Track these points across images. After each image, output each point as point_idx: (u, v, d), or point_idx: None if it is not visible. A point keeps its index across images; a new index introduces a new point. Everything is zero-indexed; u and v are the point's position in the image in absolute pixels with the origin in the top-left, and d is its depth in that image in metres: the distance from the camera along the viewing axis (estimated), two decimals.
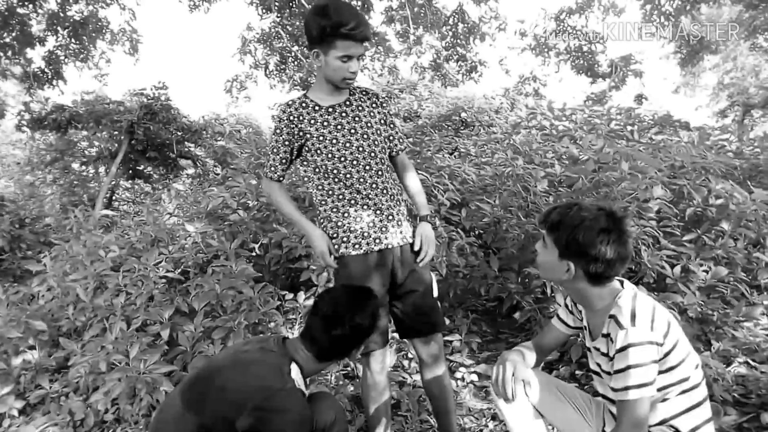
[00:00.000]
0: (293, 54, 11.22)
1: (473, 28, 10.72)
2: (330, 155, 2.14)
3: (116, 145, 12.33)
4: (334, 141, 2.14)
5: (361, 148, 2.16)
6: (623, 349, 1.53)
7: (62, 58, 11.19)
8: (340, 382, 3.07)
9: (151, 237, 4.18)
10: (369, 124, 2.20)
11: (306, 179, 2.32)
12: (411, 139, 7.76)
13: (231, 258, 3.63)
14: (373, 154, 2.18)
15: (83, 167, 14.20)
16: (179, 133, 12.29)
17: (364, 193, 2.16)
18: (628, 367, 1.52)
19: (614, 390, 1.58)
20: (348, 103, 2.21)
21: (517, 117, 7.64)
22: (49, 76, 11.17)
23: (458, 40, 10.94)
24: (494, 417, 2.80)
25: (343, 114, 2.18)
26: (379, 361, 2.26)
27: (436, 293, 2.31)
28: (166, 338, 3.20)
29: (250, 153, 5.31)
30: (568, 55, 10.35)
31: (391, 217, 2.20)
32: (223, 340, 3.14)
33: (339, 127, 2.16)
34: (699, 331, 3.09)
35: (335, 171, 2.15)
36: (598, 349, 1.71)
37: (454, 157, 5.83)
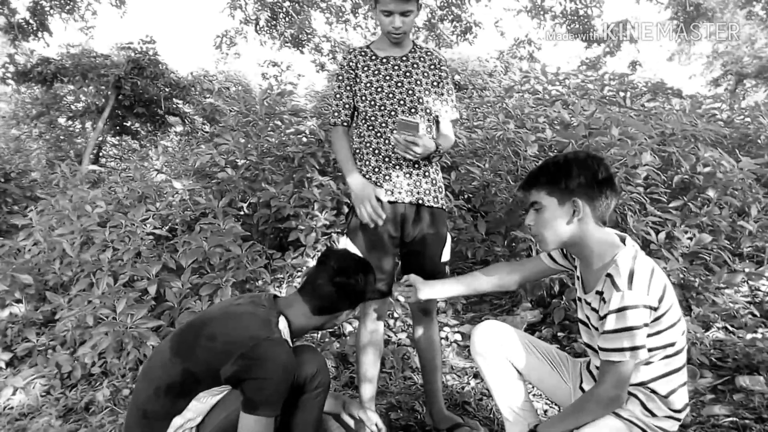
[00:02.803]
0: (284, 9, 10.98)
1: None
2: (372, 102, 2.22)
3: (103, 100, 12.11)
4: (379, 89, 2.22)
5: (402, 102, 2.22)
6: (619, 310, 1.52)
7: (47, 9, 10.89)
8: (326, 339, 3.11)
9: (138, 193, 4.16)
10: (419, 82, 2.26)
11: (354, 126, 2.38)
12: None
13: (219, 216, 3.62)
14: (413, 110, 2.22)
15: (70, 122, 13.96)
16: (167, 90, 12.07)
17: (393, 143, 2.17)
18: (620, 330, 1.52)
19: (602, 349, 1.58)
20: (405, 58, 2.28)
21: (511, 81, 7.58)
22: (34, 28, 10.89)
23: (453, 0, 10.74)
24: (476, 375, 2.86)
25: (396, 67, 2.25)
26: (375, 317, 2.32)
27: (446, 257, 2.35)
28: (153, 294, 3.22)
29: (239, 110, 5.24)
30: (564, 18, 10.20)
31: (408, 175, 2.23)
32: (211, 297, 3.16)
33: (387, 77, 2.23)
34: (680, 297, 3.14)
35: (373, 118, 2.22)
36: (589, 304, 1.70)
37: None
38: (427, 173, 2.28)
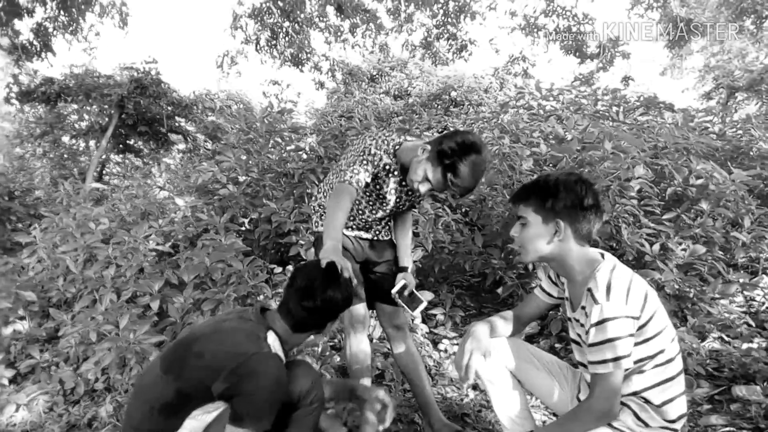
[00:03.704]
0: (284, 29, 11.11)
1: (464, 6, 10.63)
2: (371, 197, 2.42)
3: (106, 119, 12.22)
4: (383, 195, 2.40)
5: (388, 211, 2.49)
6: (599, 323, 1.56)
7: (51, 30, 11.01)
8: (327, 353, 3.14)
9: (141, 210, 4.21)
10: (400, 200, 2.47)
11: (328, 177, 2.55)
12: (401, 117, 7.76)
13: (220, 232, 3.66)
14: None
15: (73, 141, 14.06)
16: (170, 108, 12.19)
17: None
18: (604, 341, 1.55)
19: (589, 362, 1.61)
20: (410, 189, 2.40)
21: (506, 96, 7.66)
22: (38, 49, 10.99)
23: (449, 19, 10.86)
24: (475, 387, 2.89)
25: (401, 191, 2.42)
26: (359, 332, 2.39)
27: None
28: (156, 310, 3.24)
29: (240, 128, 5.31)
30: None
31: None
32: (213, 312, 3.18)
33: (394, 191, 2.41)
34: (676, 307, 3.17)
35: (359, 202, 2.43)
36: (577, 321, 1.74)
37: None
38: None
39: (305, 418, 1.89)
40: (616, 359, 1.55)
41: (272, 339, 1.80)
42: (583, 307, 1.67)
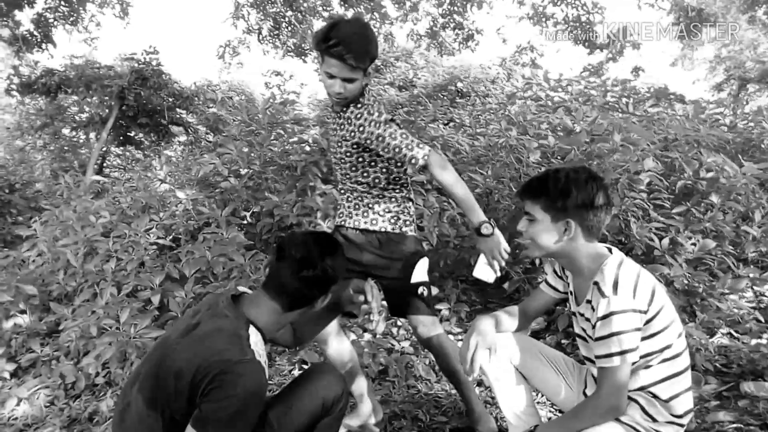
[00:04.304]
0: (287, 19, 11.04)
1: None
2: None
3: (107, 110, 12.19)
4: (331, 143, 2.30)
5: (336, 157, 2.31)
6: (606, 317, 1.54)
7: (51, 20, 10.97)
8: None
9: (142, 203, 4.17)
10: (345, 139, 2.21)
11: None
12: (405, 109, 7.69)
13: (222, 225, 3.63)
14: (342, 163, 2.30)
15: (74, 133, 14.05)
16: (170, 100, 12.15)
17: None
18: (611, 335, 1.54)
19: (596, 357, 1.59)
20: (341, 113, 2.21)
21: (513, 87, 7.59)
22: (39, 40, 10.95)
23: (455, 8, 10.75)
24: (480, 383, 2.85)
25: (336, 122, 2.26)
26: (334, 335, 2.33)
27: (417, 278, 2.27)
28: (156, 304, 3.23)
29: (242, 120, 5.27)
30: (566, 25, 10.20)
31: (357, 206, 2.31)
32: None
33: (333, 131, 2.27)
34: (685, 303, 3.13)
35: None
36: (582, 315, 1.72)
37: (449, 127, 5.81)
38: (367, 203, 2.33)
39: (331, 426, 1.79)
40: (622, 353, 1.53)
41: (254, 339, 1.60)
42: (589, 301, 1.65)
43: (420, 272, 2.28)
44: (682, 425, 1.66)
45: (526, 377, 1.91)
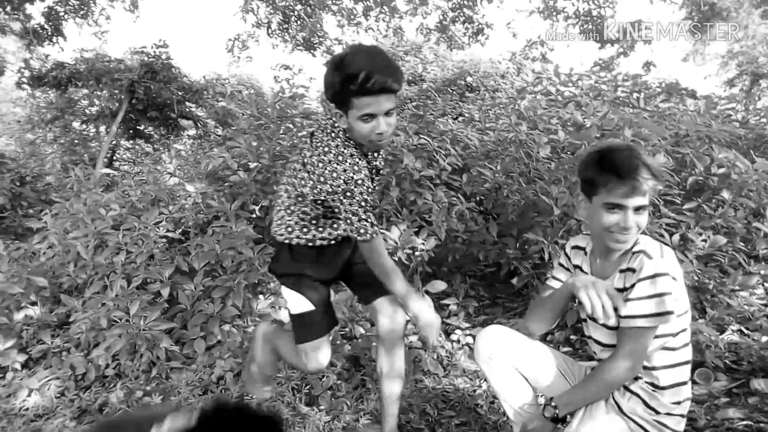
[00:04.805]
0: (296, 13, 11.02)
1: None
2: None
3: (117, 104, 12.22)
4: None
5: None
6: (653, 276, 1.54)
7: (62, 14, 10.99)
8: (338, 342, 3.11)
9: (151, 196, 4.19)
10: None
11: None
12: (415, 103, 7.66)
13: (231, 219, 3.64)
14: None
15: (84, 126, 14.10)
16: (180, 93, 12.16)
17: None
18: (653, 295, 1.54)
19: (623, 317, 1.58)
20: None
21: (523, 82, 7.55)
22: (49, 33, 10.98)
23: (465, 1, 10.69)
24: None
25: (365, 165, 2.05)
26: (320, 353, 2.13)
27: None
28: (166, 296, 3.25)
29: (251, 114, 5.27)
30: (577, 19, 10.11)
31: None
32: (223, 300, 3.18)
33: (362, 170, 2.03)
34: (695, 299, 3.11)
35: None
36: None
37: (458, 122, 5.78)
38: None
39: None
40: (661, 314, 1.53)
41: None
42: (628, 269, 1.63)
43: None
44: (682, 415, 1.68)
45: (527, 378, 1.90)
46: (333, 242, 2.09)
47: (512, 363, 1.88)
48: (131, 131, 13.38)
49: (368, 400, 2.66)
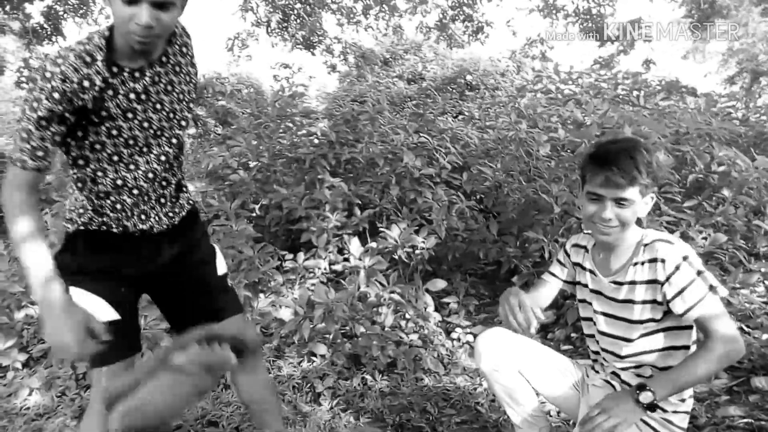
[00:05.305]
0: (296, 11, 11.01)
1: None
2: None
3: None
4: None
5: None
6: (685, 258, 1.51)
7: (61, 13, 10.98)
8: (338, 341, 3.11)
9: None
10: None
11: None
12: (414, 102, 7.66)
13: (231, 218, 3.64)
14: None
15: None
16: None
17: None
18: (699, 273, 1.51)
19: (686, 310, 1.50)
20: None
21: (523, 80, 7.54)
22: (49, 32, 10.97)
23: (465, 0, 10.68)
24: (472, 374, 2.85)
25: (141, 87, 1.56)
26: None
27: (223, 269, 1.82)
28: None
29: (251, 112, 5.28)
30: (577, 17, 10.10)
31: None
32: None
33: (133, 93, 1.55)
34: None
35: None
36: (619, 283, 1.66)
37: (458, 120, 5.79)
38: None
39: None
40: (712, 288, 1.50)
41: None
42: (645, 262, 1.59)
43: (221, 260, 1.83)
44: (687, 412, 1.67)
45: (529, 381, 1.89)
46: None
47: (516, 368, 1.86)
48: None
49: (369, 399, 2.67)
